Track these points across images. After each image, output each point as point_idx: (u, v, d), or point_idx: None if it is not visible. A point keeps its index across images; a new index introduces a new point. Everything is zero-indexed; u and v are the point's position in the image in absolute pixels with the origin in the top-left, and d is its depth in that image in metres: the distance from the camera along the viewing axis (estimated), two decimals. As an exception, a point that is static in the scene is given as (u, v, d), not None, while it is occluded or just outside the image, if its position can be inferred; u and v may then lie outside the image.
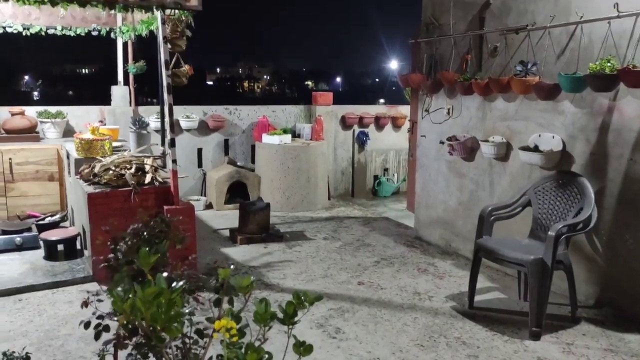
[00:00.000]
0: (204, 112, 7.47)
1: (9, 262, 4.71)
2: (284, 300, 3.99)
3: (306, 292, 1.66)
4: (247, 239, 5.56)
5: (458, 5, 5.09)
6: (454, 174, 5.33)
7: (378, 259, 5.15)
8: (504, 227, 4.28)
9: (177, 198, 4.48)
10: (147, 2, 4.31)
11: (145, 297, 1.22)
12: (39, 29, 6.15)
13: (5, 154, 5.73)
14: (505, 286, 4.47)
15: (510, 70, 4.48)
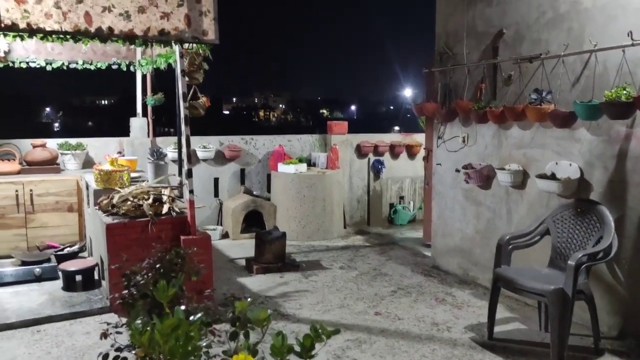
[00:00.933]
0: (220, 142, 7.55)
1: (29, 293, 4.75)
2: (301, 331, 3.98)
3: (323, 325, 1.65)
4: (263, 268, 5.55)
5: (471, 35, 5.14)
6: (470, 202, 5.30)
7: (395, 289, 5.10)
8: (523, 256, 4.23)
9: (193, 228, 4.51)
10: (165, 37, 4.42)
11: (164, 329, 1.23)
12: (61, 64, 6.32)
13: (26, 185, 5.84)
14: (525, 316, 4.39)
15: (525, 98, 4.49)
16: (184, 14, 4.43)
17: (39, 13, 3.98)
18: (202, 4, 4.49)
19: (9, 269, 5.04)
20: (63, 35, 4.12)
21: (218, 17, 4.59)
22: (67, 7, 4.06)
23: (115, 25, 4.22)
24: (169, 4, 4.37)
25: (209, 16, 4.54)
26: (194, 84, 4.91)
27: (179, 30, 4.43)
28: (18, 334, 4.04)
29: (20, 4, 3.92)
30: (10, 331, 4.07)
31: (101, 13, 4.16)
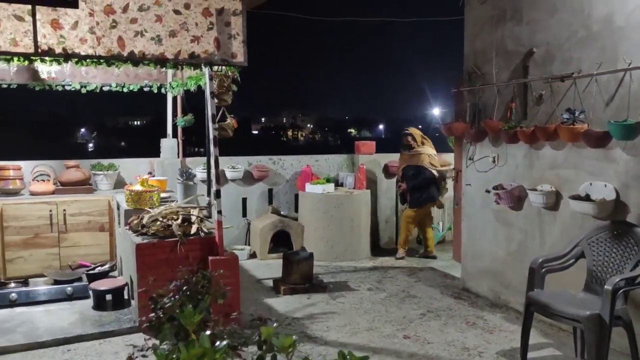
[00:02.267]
0: (248, 162, 7.61)
1: (60, 312, 4.83)
2: (328, 354, 3.93)
3: (351, 352, 1.62)
4: (291, 289, 5.53)
5: (500, 55, 5.09)
6: (501, 223, 5.19)
7: (424, 311, 5.01)
8: (557, 280, 4.11)
9: (221, 248, 4.52)
10: (195, 60, 4.50)
11: (190, 358, 1.22)
12: (95, 87, 6.49)
13: (60, 205, 5.96)
14: (560, 342, 4.25)
15: (557, 117, 4.40)
16: (214, 37, 4.52)
17: (74, 38, 4.11)
18: (231, 28, 4.58)
19: (42, 287, 5.14)
20: (97, 59, 4.24)
21: (247, 40, 4.67)
22: (101, 33, 4.18)
23: (147, 49, 4.32)
24: (199, 28, 4.46)
25: (238, 39, 4.61)
26: (223, 106, 4.98)
27: (209, 53, 4.51)
28: (49, 352, 4.09)
29: (56, 29, 4.05)
30: (42, 350, 4.13)
31: (133, 38, 4.27)
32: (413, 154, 7.13)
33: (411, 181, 7.05)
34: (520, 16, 4.89)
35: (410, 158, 7.12)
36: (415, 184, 7.04)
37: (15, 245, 5.81)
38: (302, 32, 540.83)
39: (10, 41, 3.95)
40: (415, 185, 7.05)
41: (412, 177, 7.06)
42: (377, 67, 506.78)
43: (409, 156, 7.14)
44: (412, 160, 7.13)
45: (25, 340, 4.19)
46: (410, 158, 7.12)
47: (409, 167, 7.11)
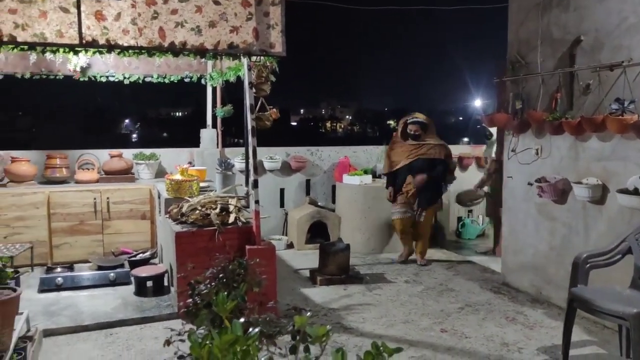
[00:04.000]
0: (286, 153, 7.64)
1: (104, 297, 4.97)
2: (364, 346, 3.92)
3: (384, 343, 1.59)
4: (327, 280, 5.53)
5: (546, 43, 4.93)
6: (543, 217, 5.05)
7: (462, 305, 4.93)
8: (602, 276, 3.97)
9: (258, 238, 4.56)
10: (234, 50, 4.52)
11: (222, 344, 1.22)
12: (137, 78, 6.62)
13: (103, 193, 6.13)
14: (604, 340, 4.12)
15: (605, 108, 4.24)
16: (253, 27, 4.53)
17: (117, 29, 4.19)
18: (270, 18, 4.58)
19: (86, 273, 5.30)
20: (139, 50, 4.31)
21: (285, 30, 4.66)
22: (143, 24, 4.25)
23: (187, 39, 4.37)
24: (238, 18, 4.48)
25: (276, 29, 4.61)
26: (262, 96, 4.99)
27: (248, 43, 4.52)
28: (93, 335, 4.22)
29: (100, 21, 4.14)
30: (86, 333, 4.26)
31: (174, 28, 4.32)
32: (421, 144, 6.27)
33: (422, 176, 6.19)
34: (567, 3, 4.71)
35: (418, 149, 6.24)
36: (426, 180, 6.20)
37: (61, 231, 6.01)
38: (341, 22, 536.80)
39: (56, 33, 4.05)
40: (428, 182, 6.21)
41: (422, 172, 6.19)
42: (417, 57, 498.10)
43: (416, 147, 6.25)
44: (421, 152, 6.24)
45: (70, 324, 4.33)
46: (418, 149, 6.24)
47: (418, 160, 6.21)
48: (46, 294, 5.02)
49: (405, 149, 6.29)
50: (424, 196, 6.23)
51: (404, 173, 6.26)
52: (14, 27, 3.95)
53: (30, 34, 4.00)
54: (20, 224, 5.85)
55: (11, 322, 3.30)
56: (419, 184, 6.21)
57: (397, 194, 6.30)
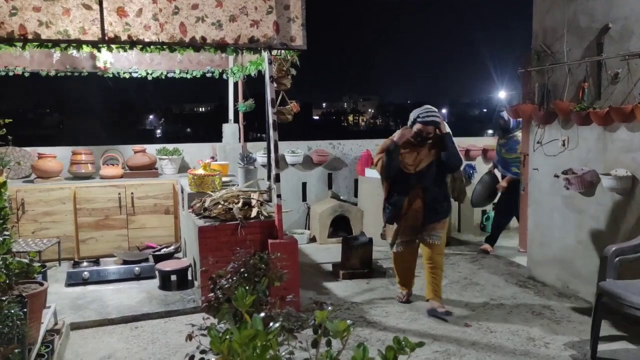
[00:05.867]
0: (308, 147, 7.63)
1: (129, 291, 5.03)
2: (387, 340, 3.89)
3: (406, 338, 1.57)
4: (350, 274, 5.51)
5: (572, 32, 4.81)
6: (570, 210, 4.95)
7: (487, 300, 4.87)
8: (632, 270, 3.88)
9: (281, 232, 4.56)
10: (255, 44, 4.52)
11: (241, 339, 1.21)
12: (160, 73, 6.66)
13: (128, 188, 6.20)
14: (634, 336, 4.02)
15: (634, 97, 4.12)
16: (273, 21, 4.51)
17: (138, 25, 4.21)
18: (290, 11, 4.56)
19: (111, 267, 5.37)
20: (160, 45, 4.33)
21: (306, 23, 4.63)
22: (164, 19, 4.27)
23: (208, 34, 4.38)
24: (258, 12, 4.47)
25: (297, 22, 4.59)
26: (282, 90, 4.98)
27: (268, 37, 4.51)
28: (118, 329, 4.28)
29: (122, 17, 4.17)
30: (112, 326, 4.32)
31: (195, 23, 4.33)
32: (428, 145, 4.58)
33: (436, 186, 4.60)
34: (595, -11, 4.59)
35: (430, 151, 4.57)
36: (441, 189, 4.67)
37: (87, 226, 6.10)
38: (363, 14, 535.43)
39: (79, 29, 4.09)
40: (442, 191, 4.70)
41: (435, 181, 4.62)
42: (440, 48, 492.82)
43: (427, 149, 4.57)
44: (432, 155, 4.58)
45: (97, 317, 4.40)
46: (430, 151, 4.57)
47: (432, 165, 4.56)
48: (73, 287, 5.10)
49: (414, 151, 4.58)
50: (438, 205, 4.59)
51: (410, 183, 4.56)
52: (38, 24, 4.01)
53: (54, 31, 4.05)
54: (48, 219, 5.96)
55: (39, 315, 3.36)
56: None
57: (399, 216, 4.61)
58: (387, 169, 4.54)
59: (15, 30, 3.98)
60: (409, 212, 4.57)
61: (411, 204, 4.56)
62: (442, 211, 4.60)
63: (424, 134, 4.47)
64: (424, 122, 4.44)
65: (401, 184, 4.59)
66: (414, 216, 4.56)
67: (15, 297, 2.92)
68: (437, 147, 4.56)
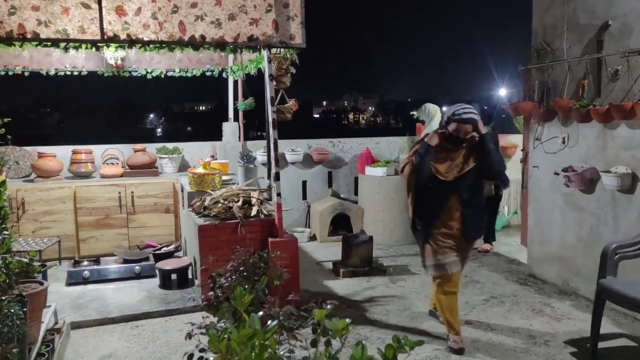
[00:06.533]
0: (308, 145, 7.62)
1: (129, 289, 5.03)
2: (387, 338, 3.89)
3: (406, 337, 1.57)
4: (350, 272, 5.51)
5: (572, 29, 4.80)
6: (571, 207, 4.94)
7: (487, 297, 4.87)
8: (632, 267, 3.87)
9: (281, 230, 4.55)
10: (254, 43, 4.51)
11: (240, 338, 1.21)
12: (159, 72, 6.66)
13: (128, 187, 6.20)
14: (634, 333, 4.02)
15: (634, 94, 4.11)
16: (272, 19, 4.51)
17: (137, 24, 4.21)
18: (289, 9, 4.55)
19: (112, 266, 5.37)
20: (159, 44, 4.33)
21: (306, 22, 4.63)
22: (163, 18, 4.26)
23: (207, 33, 4.37)
24: (257, 10, 4.46)
25: (296, 20, 4.58)
26: (282, 88, 4.97)
27: (267, 35, 4.51)
28: (119, 328, 4.28)
29: (121, 16, 4.16)
30: (112, 325, 4.32)
31: (194, 22, 4.33)
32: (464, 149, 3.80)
33: (475, 197, 3.85)
34: (595, -14, 4.58)
35: (467, 156, 3.78)
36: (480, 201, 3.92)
37: (88, 225, 6.10)
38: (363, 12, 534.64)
39: (78, 29, 4.09)
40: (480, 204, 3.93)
41: (475, 191, 3.85)
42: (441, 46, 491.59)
43: (463, 153, 3.78)
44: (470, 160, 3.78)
45: (97, 316, 4.40)
46: (467, 156, 3.78)
47: (471, 172, 3.77)
48: (73, 287, 5.11)
49: (447, 156, 3.79)
50: (480, 220, 3.92)
51: (444, 194, 3.80)
52: (37, 23, 4.00)
53: (53, 30, 4.05)
54: (48, 218, 5.96)
55: (39, 314, 3.36)
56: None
57: (433, 229, 3.84)
58: (417, 174, 3.74)
59: (14, 30, 3.98)
60: (447, 228, 3.80)
61: (448, 219, 3.78)
62: (483, 226, 3.97)
63: (461, 134, 3.69)
64: (460, 119, 3.67)
65: (434, 195, 3.79)
66: (452, 232, 3.80)
67: (15, 297, 2.92)
68: (475, 150, 3.74)
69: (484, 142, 3.72)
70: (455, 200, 3.77)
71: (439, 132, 3.78)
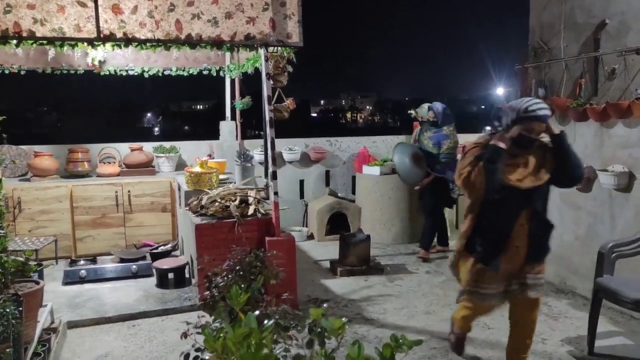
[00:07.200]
0: (305, 144, 7.62)
1: (126, 289, 5.02)
2: (385, 337, 3.88)
3: (404, 336, 1.56)
4: (348, 271, 5.51)
5: (569, 27, 4.80)
6: (568, 206, 4.95)
7: (485, 296, 4.86)
8: (629, 266, 3.88)
9: (278, 229, 4.55)
10: (251, 41, 4.50)
11: (235, 337, 1.20)
12: (156, 71, 6.64)
13: (125, 186, 6.19)
14: (631, 331, 4.03)
15: (632, 93, 4.12)
16: (269, 17, 4.49)
17: (134, 23, 4.19)
18: (286, 8, 4.54)
19: (109, 265, 5.36)
20: (156, 43, 4.31)
21: (303, 20, 4.61)
22: (160, 16, 4.25)
23: (204, 31, 4.36)
24: (254, 9, 4.45)
25: (293, 19, 4.57)
26: (279, 87, 4.97)
27: (264, 34, 4.50)
28: (115, 327, 4.27)
29: (117, 14, 4.15)
30: (109, 325, 4.31)
31: (190, 20, 4.31)
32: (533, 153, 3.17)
33: (546, 209, 3.27)
34: (592, -15, 4.58)
35: (540, 160, 3.15)
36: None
37: (84, 224, 6.08)
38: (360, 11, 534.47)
39: (74, 27, 4.07)
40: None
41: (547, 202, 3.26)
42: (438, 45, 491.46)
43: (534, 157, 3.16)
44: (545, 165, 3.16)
45: (94, 315, 4.39)
46: (540, 160, 3.15)
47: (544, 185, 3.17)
48: (70, 286, 5.09)
49: (515, 162, 3.14)
50: (547, 237, 3.27)
51: (515, 207, 3.15)
52: (32, 22, 3.98)
53: (49, 28, 4.03)
54: (45, 217, 5.94)
55: (35, 314, 3.35)
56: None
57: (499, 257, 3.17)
58: (487, 184, 3.07)
59: (10, 28, 3.96)
60: (510, 250, 3.17)
61: (515, 238, 3.16)
62: (549, 245, 3.26)
63: (534, 134, 3.07)
64: (535, 116, 3.02)
65: (502, 208, 3.14)
66: (513, 255, 3.17)
67: (11, 296, 2.91)
68: (548, 153, 3.14)
69: (562, 142, 3.11)
70: (525, 214, 3.14)
71: (503, 136, 3.10)
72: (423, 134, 6.22)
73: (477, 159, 3.10)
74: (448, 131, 6.03)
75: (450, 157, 5.99)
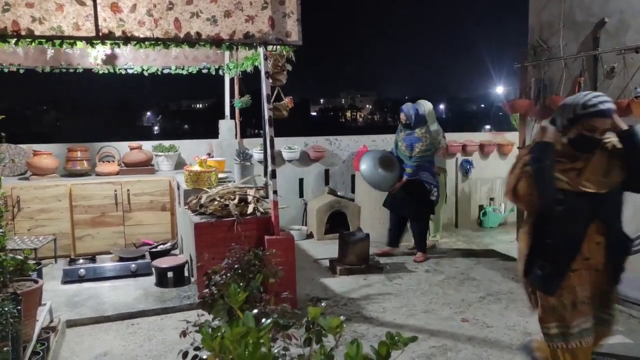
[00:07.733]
0: (305, 143, 7.61)
1: (125, 288, 5.02)
2: (384, 335, 3.87)
3: (399, 333, 1.56)
4: (347, 269, 5.51)
5: (569, 26, 4.80)
6: (567, 205, 4.94)
7: (484, 295, 4.87)
8: (628, 265, 3.87)
9: (277, 228, 4.55)
10: (250, 40, 4.49)
11: (233, 336, 1.20)
12: (155, 69, 6.63)
13: (124, 185, 6.18)
14: (630, 330, 4.03)
15: (630, 92, 4.12)
16: (268, 16, 4.49)
17: (132, 21, 4.19)
18: (285, 6, 4.53)
19: (108, 264, 5.36)
20: (155, 41, 4.31)
21: (302, 19, 4.61)
22: (159, 15, 4.24)
23: (203, 30, 4.35)
24: (253, 7, 4.44)
25: (292, 17, 4.56)
26: (278, 86, 4.97)
27: (263, 32, 4.49)
28: (115, 326, 4.27)
29: (116, 13, 4.14)
30: (108, 323, 4.31)
31: (189, 19, 4.31)
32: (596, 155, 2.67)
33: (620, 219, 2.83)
34: (591, -16, 4.58)
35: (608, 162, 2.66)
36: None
37: (83, 223, 6.08)
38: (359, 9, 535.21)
39: (73, 26, 4.07)
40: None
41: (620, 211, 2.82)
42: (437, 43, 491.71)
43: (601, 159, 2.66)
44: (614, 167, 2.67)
45: (93, 314, 4.38)
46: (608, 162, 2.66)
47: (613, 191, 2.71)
48: (69, 285, 5.09)
49: (574, 165, 2.65)
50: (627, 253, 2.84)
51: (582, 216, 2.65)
52: (31, 20, 3.98)
53: (47, 27, 4.02)
54: (44, 216, 5.94)
55: (34, 313, 3.35)
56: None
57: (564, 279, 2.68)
58: (540, 191, 2.55)
59: (8, 27, 3.95)
60: (580, 270, 2.68)
61: (586, 256, 2.68)
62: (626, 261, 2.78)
63: (598, 134, 2.56)
64: (596, 111, 2.51)
65: (563, 219, 2.63)
66: (588, 277, 2.70)
67: (10, 295, 2.91)
68: (616, 154, 2.63)
69: (633, 138, 2.58)
70: (595, 227, 2.66)
71: (557, 135, 2.64)
72: (398, 135, 6.14)
73: (525, 166, 2.60)
74: (420, 134, 5.85)
75: (424, 159, 5.86)
